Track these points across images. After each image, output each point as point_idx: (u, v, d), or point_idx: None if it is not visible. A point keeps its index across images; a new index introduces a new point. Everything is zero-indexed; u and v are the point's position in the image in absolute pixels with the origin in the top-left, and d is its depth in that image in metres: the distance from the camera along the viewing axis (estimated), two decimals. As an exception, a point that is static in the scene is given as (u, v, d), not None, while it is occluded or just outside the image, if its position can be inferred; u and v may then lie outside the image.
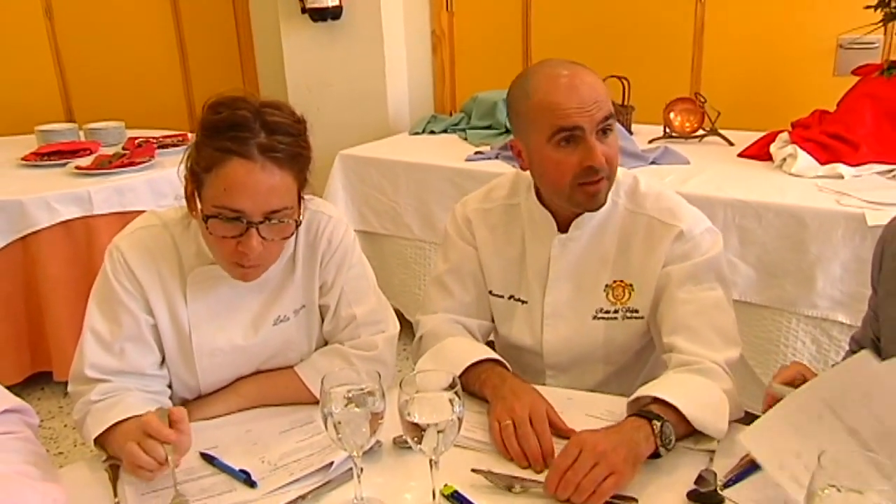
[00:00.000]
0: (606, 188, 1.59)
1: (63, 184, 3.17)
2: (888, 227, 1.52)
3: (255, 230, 1.40)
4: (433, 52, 4.37)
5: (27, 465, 1.29)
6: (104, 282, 1.53)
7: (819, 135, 2.91)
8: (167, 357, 1.59)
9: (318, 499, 1.28)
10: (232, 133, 1.37)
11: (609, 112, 1.56)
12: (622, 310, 1.68)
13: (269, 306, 1.62)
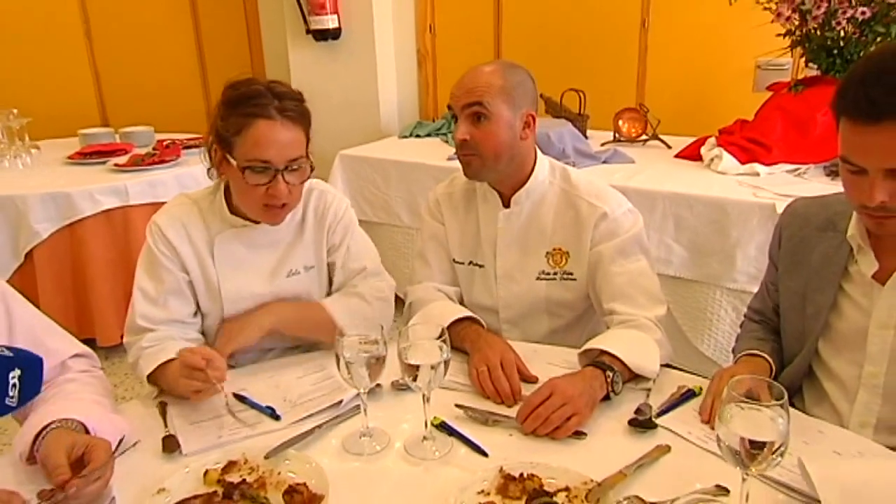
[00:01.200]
0: (477, 164, 1.63)
1: (104, 179, 3.16)
2: (784, 213, 1.55)
3: (281, 176, 1.48)
4: (418, 68, 4.36)
5: (102, 397, 1.35)
6: (147, 251, 1.59)
7: (740, 139, 2.95)
8: (201, 306, 1.64)
9: (330, 429, 1.32)
10: (253, 101, 1.47)
11: (478, 100, 1.58)
12: (560, 272, 1.71)
13: (282, 262, 1.67)
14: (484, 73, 1.62)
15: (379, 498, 1.15)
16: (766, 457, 0.98)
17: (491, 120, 1.60)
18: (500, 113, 1.60)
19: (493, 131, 1.61)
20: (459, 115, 1.63)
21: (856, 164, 1.18)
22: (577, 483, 1.13)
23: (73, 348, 1.45)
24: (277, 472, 1.18)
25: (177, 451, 1.26)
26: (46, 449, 1.13)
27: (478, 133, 1.60)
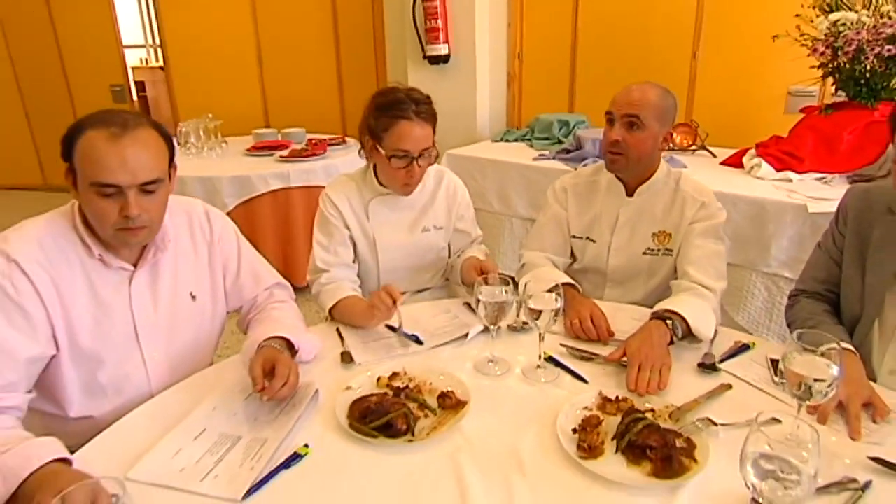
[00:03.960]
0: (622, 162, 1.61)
1: (272, 167, 3.24)
2: (848, 195, 1.46)
3: (415, 162, 1.56)
4: (507, 87, 4.32)
5: (299, 321, 1.44)
6: (321, 214, 1.69)
7: (776, 151, 2.83)
8: (359, 255, 1.72)
9: (464, 356, 1.37)
10: (397, 106, 1.55)
11: (637, 112, 1.56)
12: (662, 249, 1.68)
13: (417, 221, 1.74)
14: (647, 92, 1.59)
15: (506, 407, 1.19)
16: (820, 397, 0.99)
17: (643, 130, 1.58)
18: (652, 126, 1.58)
19: (643, 139, 1.59)
20: (617, 121, 1.60)
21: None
22: (660, 406, 1.15)
23: (277, 278, 1.55)
24: (430, 382, 1.24)
25: (351, 363, 1.34)
26: (253, 361, 1.21)
27: (630, 138, 1.58)
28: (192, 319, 1.39)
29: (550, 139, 3.51)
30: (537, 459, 1.03)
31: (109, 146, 1.12)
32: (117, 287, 1.27)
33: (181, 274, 1.37)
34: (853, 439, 1.07)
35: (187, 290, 1.38)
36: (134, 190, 1.14)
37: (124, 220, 1.15)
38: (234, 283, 1.47)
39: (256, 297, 1.50)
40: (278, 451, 1.05)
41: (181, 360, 1.37)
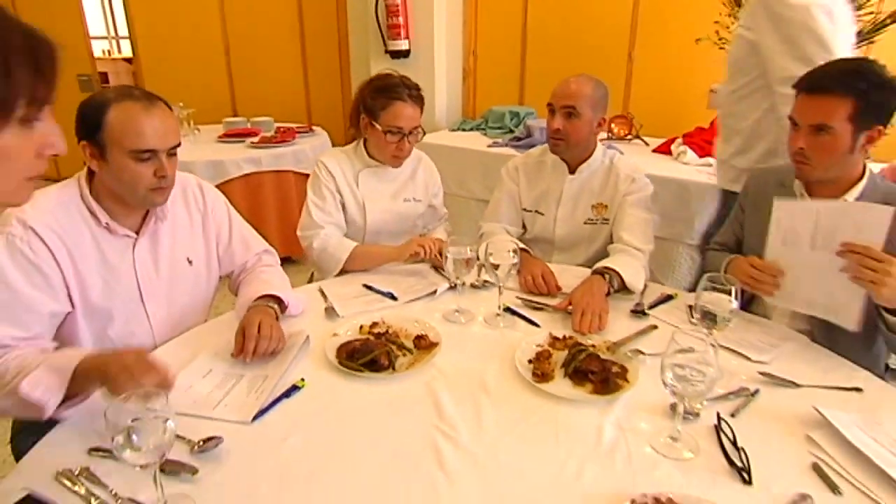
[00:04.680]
0: (563, 146, 1.74)
1: (244, 153, 3.26)
2: (748, 178, 1.66)
3: (406, 138, 1.69)
4: (463, 80, 4.41)
5: (286, 282, 1.51)
6: (315, 178, 1.80)
7: (699, 140, 3.03)
8: (348, 217, 1.81)
9: (433, 308, 1.48)
10: (394, 88, 1.68)
11: (573, 103, 1.69)
12: (600, 219, 1.82)
13: (400, 191, 1.86)
14: (580, 84, 1.71)
15: (472, 347, 1.32)
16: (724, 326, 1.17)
17: (580, 118, 1.71)
18: (586, 114, 1.71)
19: (580, 126, 1.72)
20: (557, 111, 1.72)
21: (795, 120, 1.37)
22: (599, 342, 1.31)
23: (265, 245, 1.63)
24: (406, 329, 1.36)
25: (335, 316, 1.44)
26: (247, 315, 1.30)
27: (568, 126, 1.72)
28: (189, 282, 1.47)
29: (503, 128, 3.62)
30: (499, 384, 1.18)
31: (144, 116, 1.21)
32: (122, 252, 1.33)
33: (179, 241, 1.44)
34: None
35: (184, 256, 1.45)
36: (164, 153, 1.25)
37: (159, 180, 1.25)
38: (226, 249, 1.55)
39: (246, 262, 1.58)
40: (278, 385, 1.15)
41: (181, 317, 1.44)
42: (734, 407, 1.11)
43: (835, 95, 1.31)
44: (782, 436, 1.04)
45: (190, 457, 0.97)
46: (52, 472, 0.92)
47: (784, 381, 1.19)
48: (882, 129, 1.34)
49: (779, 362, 1.26)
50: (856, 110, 1.30)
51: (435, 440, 1.02)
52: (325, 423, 1.07)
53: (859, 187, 1.39)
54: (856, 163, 1.38)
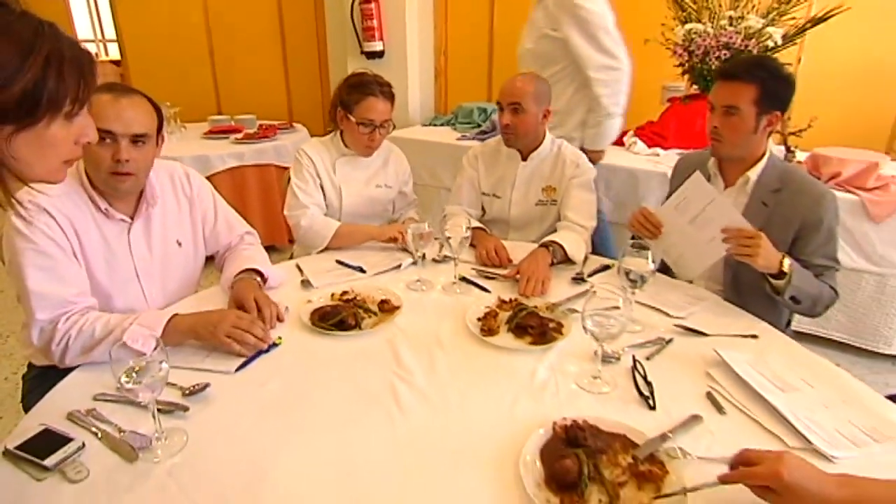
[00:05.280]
0: (513, 138, 1.88)
1: (229, 148, 3.34)
2: (677, 162, 1.84)
3: (377, 130, 1.81)
4: (435, 79, 4.52)
5: (266, 259, 1.61)
6: (297, 165, 1.90)
7: (649, 133, 3.19)
8: (326, 199, 1.92)
9: (396, 279, 1.61)
10: (367, 85, 1.81)
11: (518, 100, 1.81)
12: (550, 200, 1.94)
13: (372, 178, 1.97)
14: (524, 83, 1.83)
15: (430, 310, 1.45)
16: (641, 285, 1.32)
17: (525, 113, 1.83)
18: (531, 109, 1.83)
19: (526, 120, 1.84)
20: (505, 108, 1.85)
21: (711, 103, 1.55)
22: (541, 304, 1.45)
23: (247, 227, 1.72)
24: (372, 296, 1.49)
25: (310, 287, 1.56)
26: (237, 289, 1.43)
27: (516, 120, 1.85)
28: (179, 261, 1.56)
29: (471, 123, 3.74)
30: (452, 338, 1.31)
31: (110, 102, 1.28)
32: (119, 235, 1.42)
33: (169, 224, 1.53)
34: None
35: (174, 238, 1.54)
36: (126, 139, 1.29)
37: (115, 164, 1.29)
38: (211, 231, 1.64)
39: (230, 243, 1.68)
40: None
41: (173, 293, 1.54)
42: (650, 352, 1.26)
43: (742, 82, 1.48)
44: (686, 373, 1.19)
45: (182, 399, 1.09)
46: (64, 413, 1.04)
47: (695, 331, 1.34)
48: (779, 115, 1.51)
49: (693, 317, 1.41)
50: (759, 95, 1.47)
51: (393, 382, 1.15)
52: (300, 372, 1.20)
53: (761, 165, 1.56)
54: (758, 143, 1.54)
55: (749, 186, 1.58)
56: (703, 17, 3.00)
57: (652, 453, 0.95)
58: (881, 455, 0.96)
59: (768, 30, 2.83)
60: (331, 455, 0.96)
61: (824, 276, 1.51)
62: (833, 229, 1.52)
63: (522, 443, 0.96)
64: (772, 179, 1.56)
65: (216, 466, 0.94)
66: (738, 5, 2.96)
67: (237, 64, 4.69)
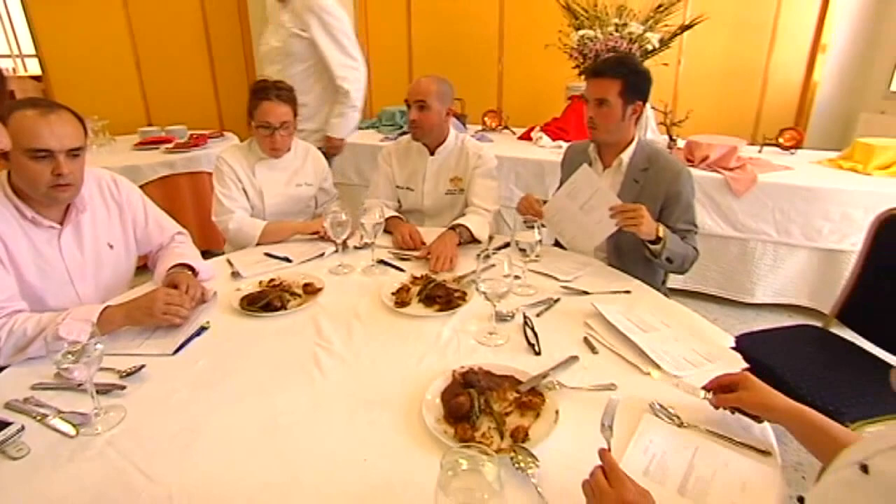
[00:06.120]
0: (420, 133, 1.95)
1: (159, 158, 3.24)
2: (565, 151, 1.98)
3: (276, 132, 1.85)
4: (360, 87, 4.61)
5: (197, 255, 1.64)
6: (218, 172, 1.92)
7: (553, 128, 3.38)
8: (251, 202, 1.94)
9: (321, 263, 1.68)
10: (263, 90, 1.84)
11: (423, 99, 1.88)
12: (457, 189, 2.03)
13: (292, 177, 2.00)
14: (427, 83, 1.91)
15: (350, 289, 1.54)
16: (531, 254, 1.46)
17: (430, 110, 1.92)
18: (434, 106, 1.92)
19: (430, 116, 1.92)
20: (412, 106, 1.93)
21: (585, 97, 1.70)
22: (449, 278, 1.57)
23: (178, 228, 1.74)
24: (297, 281, 1.55)
25: (239, 277, 1.61)
26: (168, 278, 1.46)
27: (422, 116, 1.93)
28: (111, 264, 1.57)
29: (394, 125, 3.82)
30: (369, 311, 1.41)
31: (41, 120, 1.29)
32: (49, 241, 1.42)
33: (99, 229, 1.54)
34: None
35: (105, 241, 1.55)
36: (63, 154, 1.32)
37: (56, 178, 1.32)
38: (143, 232, 1.65)
39: (162, 242, 1.70)
40: (191, 328, 1.33)
41: (106, 293, 1.54)
42: (540, 310, 1.41)
43: (609, 77, 1.65)
44: (568, 325, 1.34)
45: (119, 381, 1.14)
46: (2, 403, 1.07)
47: (579, 291, 1.50)
48: (641, 105, 1.69)
49: (579, 280, 1.57)
50: (623, 88, 1.65)
51: (314, 351, 1.24)
52: (230, 350, 1.26)
53: (631, 148, 1.74)
54: (627, 129, 1.73)
55: (623, 167, 1.76)
56: (594, 25, 3.22)
57: (534, 387, 1.08)
58: (712, 371, 1.13)
59: (647, 35, 3.09)
60: (257, 415, 1.04)
61: (687, 238, 1.70)
62: (690, 199, 1.72)
63: (427, 389, 1.07)
64: (641, 160, 1.74)
65: (153, 433, 1.00)
66: (622, 13, 3.20)
67: (165, 74, 4.56)
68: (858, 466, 0.70)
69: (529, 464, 0.89)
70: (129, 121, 4.12)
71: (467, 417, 1.00)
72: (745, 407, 0.97)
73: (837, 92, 3.75)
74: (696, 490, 0.87)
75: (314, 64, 2.63)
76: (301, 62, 2.62)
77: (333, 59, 2.58)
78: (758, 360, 1.60)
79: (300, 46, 2.59)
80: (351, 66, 2.63)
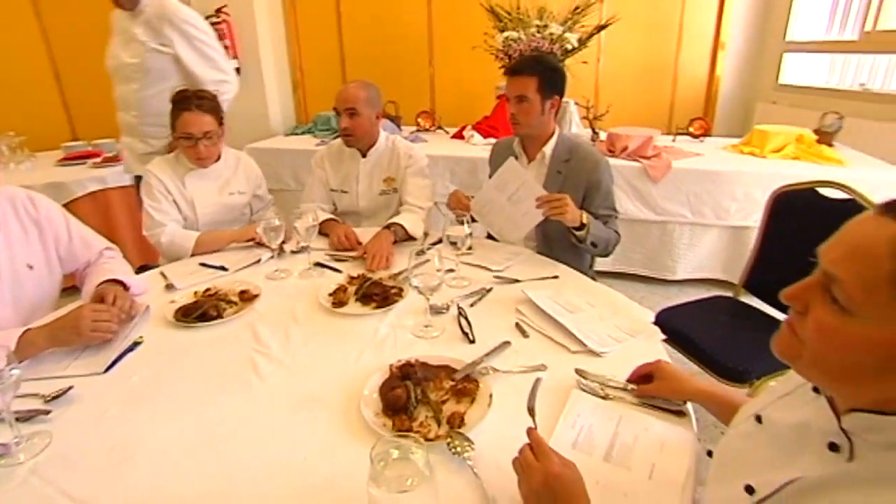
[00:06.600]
0: (352, 139, 1.93)
1: (87, 173, 3.07)
2: (493, 146, 2.01)
3: (199, 142, 1.77)
4: (294, 92, 4.47)
5: (128, 269, 1.56)
6: (146, 185, 1.82)
7: (484, 126, 3.43)
8: (183, 213, 1.86)
9: (258, 270, 1.63)
10: (184, 101, 1.76)
11: (352, 105, 1.85)
12: (391, 189, 2.01)
13: (224, 186, 1.93)
14: (355, 90, 1.89)
15: (287, 293, 1.50)
16: (462, 247, 1.48)
17: (360, 116, 1.89)
18: (364, 112, 1.89)
19: (360, 122, 1.90)
20: (342, 113, 1.90)
21: (507, 95, 1.74)
22: (385, 275, 1.56)
23: (106, 244, 1.64)
24: (234, 289, 1.51)
25: (174, 289, 1.54)
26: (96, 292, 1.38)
27: (352, 123, 1.90)
28: (32, 285, 1.47)
29: (329, 130, 3.77)
30: (306, 314, 1.38)
31: None
32: None
33: (15, 249, 1.43)
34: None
35: (24, 262, 1.45)
36: None
37: None
38: (66, 250, 1.55)
39: (89, 259, 1.60)
40: (122, 344, 1.26)
41: (28, 315, 1.43)
42: (473, 301, 1.42)
43: (526, 75, 1.70)
44: (500, 312, 1.37)
45: (44, 405, 1.06)
46: (-88, 438, 0.98)
47: (510, 279, 1.53)
48: (559, 100, 1.75)
49: (510, 269, 1.60)
50: (540, 84, 1.69)
51: (251, 356, 1.20)
52: (164, 363, 1.21)
53: (552, 141, 1.79)
54: (547, 123, 1.77)
55: (546, 159, 1.81)
56: (517, 27, 3.28)
57: (468, 374, 1.10)
58: (633, 345, 1.19)
59: (567, 35, 3.18)
60: (194, 427, 1.00)
61: (609, 223, 1.77)
62: (609, 186, 1.79)
63: (364, 385, 1.06)
64: (562, 152, 1.80)
65: (82, 456, 0.94)
66: (542, 15, 3.28)
67: (89, 86, 4.24)
68: (754, 418, 0.76)
69: (466, 447, 0.90)
70: (50, 136, 3.87)
71: (405, 409, 1.00)
72: (662, 395, 1.02)
73: (736, 85, 4.00)
74: (620, 456, 0.91)
75: (180, 81, 2.26)
76: (164, 80, 2.25)
77: (205, 76, 2.27)
78: (677, 330, 1.70)
79: (162, 63, 2.24)
80: (224, 79, 2.34)
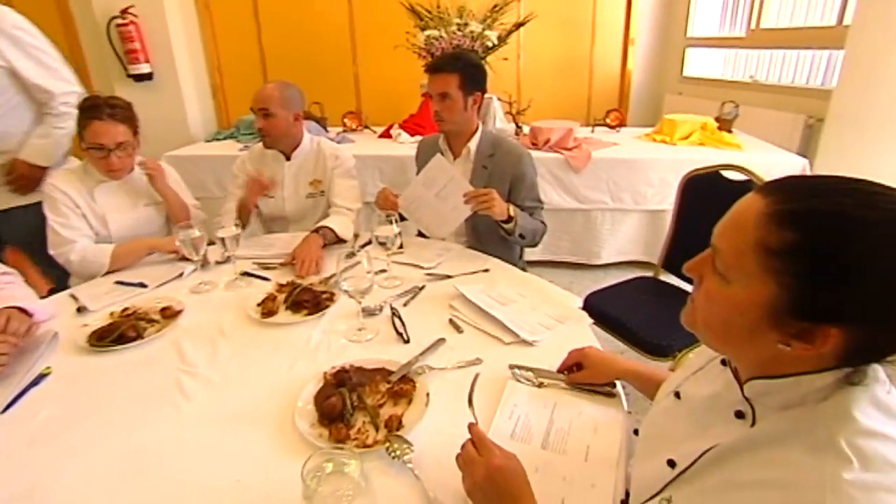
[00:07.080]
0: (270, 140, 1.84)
1: None
2: (419, 144, 1.99)
3: (111, 153, 1.62)
4: (213, 96, 4.27)
5: (29, 293, 1.41)
6: (49, 199, 1.64)
7: (411, 124, 3.39)
8: (94, 229, 1.69)
9: (181, 284, 1.52)
10: (94, 109, 1.60)
11: (266, 106, 1.78)
12: (318, 192, 1.94)
13: (140, 197, 1.78)
14: (270, 90, 1.80)
15: (213, 307, 1.41)
16: (392, 247, 1.44)
17: (275, 117, 1.80)
18: (279, 113, 1.80)
19: (277, 123, 1.81)
20: (257, 114, 1.81)
21: (430, 92, 1.71)
22: (315, 281, 1.50)
23: (3, 268, 1.46)
24: (155, 306, 1.39)
25: (87, 312, 1.41)
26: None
27: (267, 124, 1.81)
28: None
29: (253, 134, 3.60)
30: (234, 327, 1.30)
31: None
32: None
33: None
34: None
35: None
36: None
37: None
38: None
39: None
40: (24, 378, 1.13)
41: None
42: (406, 300, 1.39)
43: (447, 72, 1.68)
44: (434, 309, 1.34)
45: (-68, 454, 0.94)
46: None
47: (442, 275, 1.51)
48: (481, 96, 1.74)
49: (441, 265, 1.59)
50: (461, 81, 1.68)
51: (176, 376, 1.12)
52: (78, 393, 1.09)
53: (476, 137, 1.79)
54: (470, 119, 1.77)
55: (471, 155, 1.80)
56: (438, 25, 3.26)
57: (404, 375, 1.07)
58: (563, 331, 1.21)
59: (486, 33, 3.19)
60: (117, 457, 0.91)
61: (535, 214, 1.79)
62: (533, 179, 1.81)
63: (298, 396, 1.01)
64: (486, 147, 1.80)
65: (-18, 505, 0.84)
66: (462, 14, 3.27)
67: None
68: (673, 395, 0.77)
69: (405, 450, 0.88)
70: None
71: (341, 417, 0.96)
72: (592, 380, 1.04)
73: (646, 77, 4.19)
74: (556, 441, 0.92)
75: (16, 94, 1.88)
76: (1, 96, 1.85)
77: (51, 88, 1.88)
78: (604, 312, 1.75)
79: None
80: (73, 90, 1.95)
